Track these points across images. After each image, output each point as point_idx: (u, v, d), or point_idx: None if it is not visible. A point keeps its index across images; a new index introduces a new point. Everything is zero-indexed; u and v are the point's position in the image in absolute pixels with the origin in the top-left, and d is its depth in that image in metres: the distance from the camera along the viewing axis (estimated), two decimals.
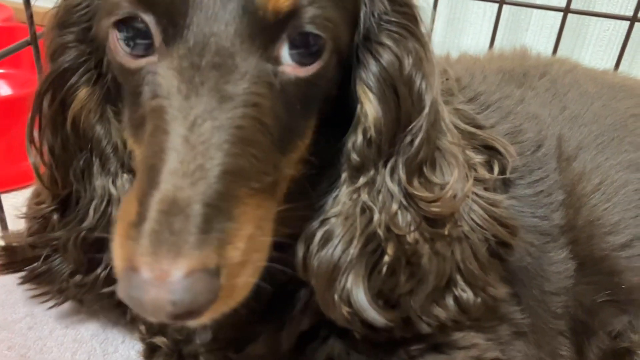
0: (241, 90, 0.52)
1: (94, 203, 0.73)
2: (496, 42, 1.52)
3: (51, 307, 0.88)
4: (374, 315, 0.67)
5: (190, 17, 0.53)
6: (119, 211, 0.54)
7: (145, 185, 0.50)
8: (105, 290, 0.79)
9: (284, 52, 0.56)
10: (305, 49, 0.56)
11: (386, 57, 0.64)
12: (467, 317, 0.75)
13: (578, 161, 0.91)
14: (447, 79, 0.84)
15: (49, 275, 0.82)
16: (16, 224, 0.86)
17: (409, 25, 0.65)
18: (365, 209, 0.67)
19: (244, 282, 0.50)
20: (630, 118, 0.96)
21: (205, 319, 0.48)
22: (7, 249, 0.84)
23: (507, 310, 0.84)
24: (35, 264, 0.82)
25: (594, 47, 1.54)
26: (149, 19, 0.54)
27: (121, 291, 0.47)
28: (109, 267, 0.76)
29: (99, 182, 0.73)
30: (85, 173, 0.73)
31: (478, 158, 0.77)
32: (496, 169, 0.79)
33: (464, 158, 0.73)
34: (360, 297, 0.66)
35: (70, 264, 0.79)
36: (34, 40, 0.98)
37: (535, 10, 1.50)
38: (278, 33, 0.55)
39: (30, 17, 0.94)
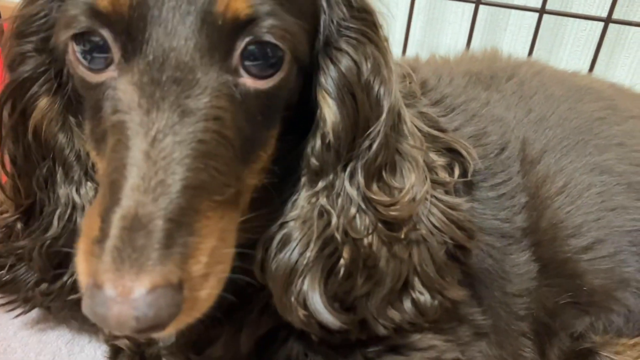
0: (202, 105, 0.53)
1: (58, 212, 0.73)
2: (475, 42, 1.52)
3: (18, 316, 0.87)
4: (329, 318, 0.67)
5: (149, 32, 0.53)
6: (82, 226, 0.54)
7: (107, 201, 0.50)
8: (72, 297, 0.78)
9: (243, 65, 0.56)
10: (264, 60, 0.57)
11: (345, 62, 0.64)
12: (425, 319, 0.76)
13: (542, 164, 0.91)
14: (410, 82, 0.84)
15: (14, 284, 0.81)
16: None
17: (367, 31, 0.65)
18: (324, 213, 0.67)
19: (207, 294, 0.51)
20: (595, 121, 0.96)
21: (169, 331, 0.49)
22: None
23: (467, 312, 0.84)
24: (0, 273, 0.81)
25: (571, 47, 1.55)
26: (106, 34, 0.55)
27: (85, 307, 0.48)
28: (74, 275, 0.75)
29: (62, 190, 0.72)
30: (48, 182, 0.73)
31: (440, 161, 0.78)
32: (457, 172, 0.79)
33: (426, 161, 0.74)
34: (316, 300, 0.67)
35: (35, 273, 0.78)
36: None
37: (513, 11, 1.51)
38: (236, 42, 0.55)
39: None
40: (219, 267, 0.52)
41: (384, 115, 0.66)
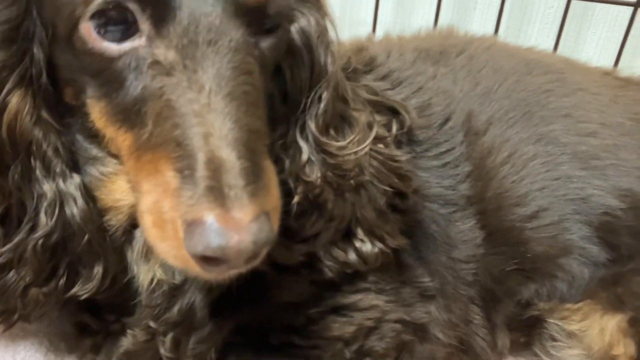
0: (237, 61, 0.58)
1: (43, 208, 0.69)
2: (444, 22, 1.54)
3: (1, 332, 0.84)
4: (283, 250, 0.73)
5: (180, 0, 0.56)
6: (147, 188, 0.56)
7: (178, 154, 0.54)
8: (68, 294, 0.74)
9: (257, 27, 0.61)
10: (271, 19, 0.63)
11: (302, 21, 0.70)
12: (367, 266, 0.81)
13: (488, 135, 0.94)
14: (350, 58, 0.89)
15: (1, 293, 0.74)
16: None
17: (315, 3, 0.72)
18: (278, 160, 0.72)
19: (277, 224, 0.56)
20: (543, 93, 0.99)
21: (261, 259, 0.55)
22: None
23: (411, 274, 0.88)
24: None
25: (539, 25, 1.57)
26: (133, 5, 0.57)
27: (191, 247, 0.51)
28: (67, 270, 0.73)
29: (46, 186, 0.69)
30: (25, 180, 0.68)
31: (380, 119, 0.83)
32: (394, 128, 0.85)
33: (367, 120, 0.79)
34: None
35: (28, 276, 0.72)
36: None
37: None
38: (249, 6, 0.60)
39: None
40: (280, 201, 0.59)
41: (329, 74, 0.72)
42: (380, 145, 0.81)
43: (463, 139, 0.92)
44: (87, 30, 0.58)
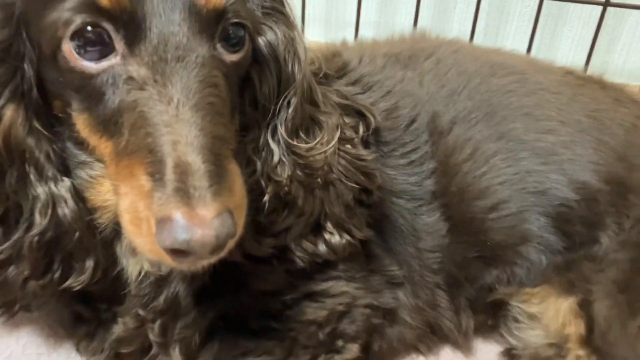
0: (203, 75, 0.65)
1: (37, 209, 0.75)
2: (425, 22, 1.61)
3: (4, 322, 0.94)
4: (256, 244, 0.81)
5: (149, 21, 0.64)
6: (124, 190, 0.64)
7: (150, 160, 0.61)
8: (63, 286, 0.81)
9: (221, 43, 0.69)
10: (236, 38, 0.70)
11: (269, 34, 0.78)
12: (336, 256, 0.89)
13: (452, 134, 1.02)
14: (320, 64, 0.96)
15: (1, 287, 0.82)
16: None
17: (280, 10, 0.79)
18: (250, 162, 0.80)
19: (242, 220, 0.64)
20: (505, 94, 1.06)
21: (225, 252, 0.62)
22: None
23: (380, 264, 0.97)
24: None
25: (517, 23, 1.63)
26: (108, 26, 0.64)
27: (161, 241, 0.58)
28: (62, 264, 0.79)
29: (40, 189, 0.75)
30: (20, 185, 0.75)
31: (348, 122, 0.91)
32: (361, 129, 0.92)
33: (336, 122, 0.86)
34: (246, 232, 0.77)
35: (25, 270, 0.79)
36: None
37: None
38: (216, 27, 0.68)
39: None
40: (245, 200, 0.65)
41: (298, 81, 0.79)
42: (348, 146, 0.89)
43: (428, 139, 1.00)
44: (69, 50, 0.65)
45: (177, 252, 0.59)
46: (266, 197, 0.80)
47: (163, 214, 0.58)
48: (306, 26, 1.72)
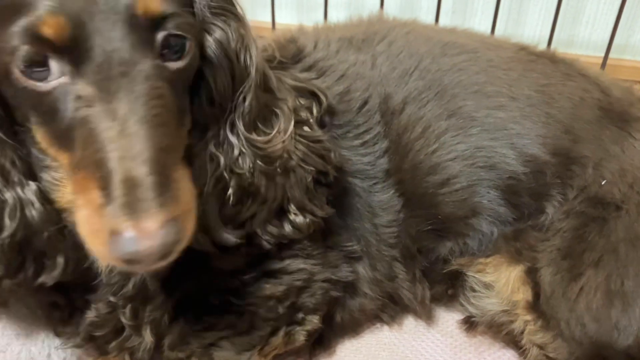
0: (148, 88, 0.67)
1: (6, 213, 0.79)
2: (394, 2, 1.64)
3: None
4: (224, 235, 0.85)
5: (92, 42, 0.66)
6: (79, 203, 0.68)
7: (99, 175, 0.65)
8: (37, 282, 0.85)
9: (164, 51, 0.71)
10: (177, 46, 0.72)
11: (217, 32, 0.80)
12: (302, 234, 0.93)
13: (404, 114, 1.06)
14: (273, 50, 1.01)
15: None
16: None
17: (228, 6, 0.81)
18: (213, 158, 0.84)
19: (191, 224, 0.68)
20: (456, 72, 1.09)
21: (174, 256, 0.66)
22: None
23: (336, 240, 1.02)
24: None
25: (483, 0, 1.66)
26: (51, 54, 0.66)
27: (112, 254, 0.63)
28: (34, 262, 0.84)
29: (7, 194, 0.79)
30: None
31: (302, 103, 0.95)
32: (315, 110, 0.97)
33: (292, 106, 0.90)
34: (214, 224, 0.85)
35: (0, 270, 0.82)
36: None
37: None
38: (156, 35, 0.70)
39: None
40: (194, 204, 0.70)
41: (252, 74, 0.82)
42: (305, 128, 0.93)
43: (380, 119, 1.04)
44: (18, 72, 0.67)
45: (129, 261, 0.63)
46: (230, 190, 0.84)
47: (112, 227, 0.63)
48: (277, 9, 1.75)
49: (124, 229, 0.62)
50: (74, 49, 0.66)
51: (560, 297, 0.96)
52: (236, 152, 0.84)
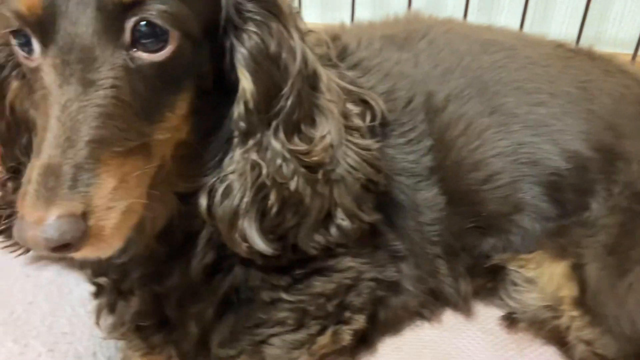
0: (101, 76, 0.67)
1: None
2: (419, 1, 1.65)
3: (18, 256, 1.06)
4: (263, 246, 0.84)
5: (58, 24, 0.67)
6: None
7: (34, 156, 0.67)
8: None
9: (134, 41, 0.69)
10: (152, 37, 0.70)
11: (252, 41, 0.78)
12: (348, 239, 0.93)
13: (446, 112, 1.06)
14: (327, 47, 1.00)
15: (11, 230, 0.98)
16: None
17: (268, 10, 0.79)
18: (255, 166, 0.82)
19: (113, 224, 0.67)
20: (496, 70, 1.10)
21: (85, 253, 0.66)
22: None
23: (384, 239, 1.02)
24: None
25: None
26: (29, 31, 0.70)
27: (14, 232, 0.66)
28: None
29: None
30: (27, 149, 0.89)
31: (355, 110, 0.94)
32: (368, 118, 0.96)
33: (342, 111, 0.89)
34: (253, 234, 0.84)
35: None
36: None
37: None
38: (124, 22, 0.69)
39: None
40: (122, 202, 0.67)
41: (291, 80, 0.80)
42: (357, 135, 0.91)
43: (424, 117, 1.04)
44: (15, 46, 0.73)
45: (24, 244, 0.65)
46: (272, 200, 0.83)
47: (20, 209, 0.64)
48: (302, 8, 1.75)
49: (21, 214, 0.63)
50: (42, 28, 0.68)
51: (608, 294, 0.96)
52: (279, 160, 0.82)
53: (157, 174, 0.76)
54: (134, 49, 0.70)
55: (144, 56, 0.70)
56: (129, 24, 0.69)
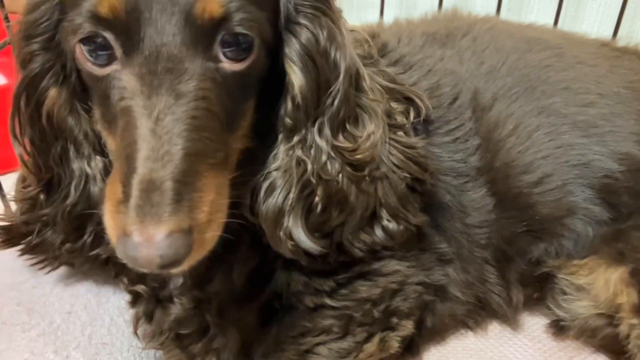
0: (191, 88, 0.65)
1: (74, 183, 0.84)
2: (448, 1, 1.61)
3: (48, 272, 1.03)
4: (310, 244, 0.81)
5: (144, 32, 0.65)
6: (107, 192, 0.68)
7: (125, 171, 0.64)
8: (92, 253, 0.90)
9: (221, 52, 0.68)
10: (238, 47, 0.69)
11: (304, 34, 0.76)
12: (394, 242, 0.89)
13: (494, 110, 1.02)
14: (369, 46, 0.96)
15: (43, 245, 0.94)
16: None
17: (320, 6, 0.77)
18: (300, 162, 0.80)
19: (211, 236, 0.65)
20: (543, 69, 1.07)
21: (185, 266, 0.64)
22: (3, 227, 0.97)
23: (430, 241, 0.98)
24: (30, 238, 0.94)
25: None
26: (108, 35, 0.66)
27: (119, 253, 0.62)
28: (93, 234, 0.88)
29: (76, 165, 0.83)
30: (62, 158, 0.84)
31: (398, 107, 0.91)
32: (412, 115, 0.92)
33: (385, 109, 0.86)
34: (299, 232, 0.80)
35: (60, 235, 0.90)
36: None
37: None
38: (214, 36, 0.67)
39: (6, 18, 1.06)
40: (219, 215, 0.67)
41: (341, 76, 0.78)
42: (400, 133, 0.88)
43: (471, 115, 1.01)
44: (80, 52, 0.69)
45: (133, 263, 0.62)
46: (317, 197, 0.81)
47: (122, 228, 0.61)
48: None
49: (130, 232, 0.60)
50: (126, 33, 0.66)
51: None
52: (324, 157, 0.80)
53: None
54: (220, 61, 0.69)
55: (227, 66, 0.69)
56: (219, 36, 0.67)
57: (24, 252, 0.98)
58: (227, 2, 0.66)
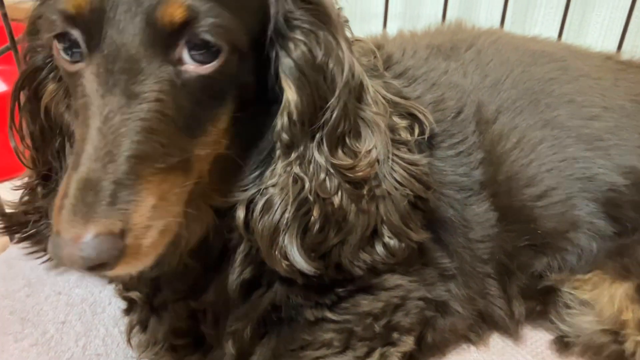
0: (146, 89, 0.64)
1: None
2: (452, 12, 1.61)
3: (42, 263, 1.03)
4: (304, 265, 0.79)
5: (105, 31, 0.64)
6: (60, 187, 0.66)
7: (71, 167, 0.63)
8: None
9: (185, 55, 0.66)
10: (204, 50, 0.67)
11: (299, 50, 0.74)
12: (395, 259, 0.87)
13: (497, 123, 1.02)
14: (374, 57, 0.95)
15: (37, 236, 0.95)
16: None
17: (316, 20, 0.75)
18: (297, 179, 0.78)
19: (150, 242, 0.63)
20: (547, 82, 1.06)
21: (119, 271, 0.62)
22: (5, 215, 0.99)
23: (432, 257, 0.96)
24: (26, 229, 0.95)
25: (545, 10, 1.63)
26: (76, 33, 0.66)
27: (49, 249, 0.62)
28: None
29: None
30: (60, 153, 0.86)
31: (402, 123, 0.89)
32: (416, 132, 0.90)
33: (389, 124, 0.85)
34: (294, 252, 0.79)
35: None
36: (13, 46, 1.10)
37: None
38: (176, 40, 0.66)
39: (8, 25, 1.06)
40: (160, 221, 0.64)
41: (338, 91, 0.76)
42: (404, 149, 0.86)
43: (475, 129, 1.00)
44: (56, 48, 0.70)
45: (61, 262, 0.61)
46: (314, 215, 0.79)
47: (55, 224, 0.60)
48: None
49: (58, 230, 0.59)
50: (89, 32, 0.65)
51: None
52: (322, 174, 0.78)
53: (193, 190, 0.72)
54: (183, 63, 0.67)
55: (190, 69, 0.67)
56: (182, 39, 0.66)
57: (19, 240, 0.99)
58: (192, 6, 0.64)
